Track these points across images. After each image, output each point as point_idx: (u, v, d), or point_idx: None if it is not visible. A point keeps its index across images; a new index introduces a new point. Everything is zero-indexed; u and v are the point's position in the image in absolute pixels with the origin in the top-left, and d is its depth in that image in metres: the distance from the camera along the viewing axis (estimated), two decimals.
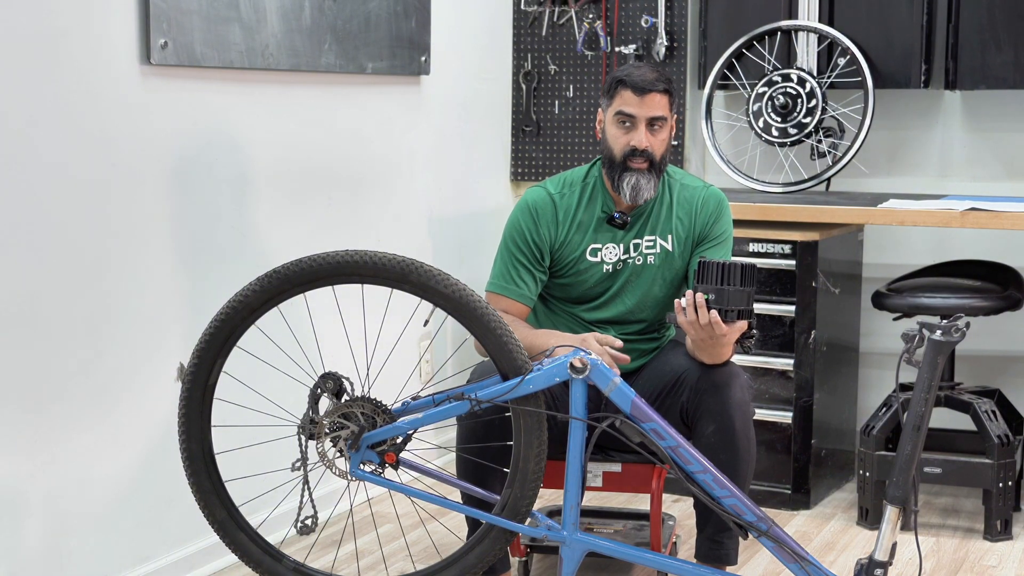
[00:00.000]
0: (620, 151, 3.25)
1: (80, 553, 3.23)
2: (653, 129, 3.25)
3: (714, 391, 3.10)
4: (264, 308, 2.87)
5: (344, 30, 3.99)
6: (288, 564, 2.98)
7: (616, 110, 3.26)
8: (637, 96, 3.22)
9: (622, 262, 3.33)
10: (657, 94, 3.22)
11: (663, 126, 3.26)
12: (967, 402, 4.04)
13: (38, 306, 3.07)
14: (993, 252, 4.43)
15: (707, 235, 3.34)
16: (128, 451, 3.36)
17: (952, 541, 3.95)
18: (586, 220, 3.33)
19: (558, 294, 3.38)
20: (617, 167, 3.26)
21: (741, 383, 3.16)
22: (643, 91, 3.22)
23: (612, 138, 3.27)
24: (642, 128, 3.24)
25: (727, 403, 3.09)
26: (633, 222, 3.33)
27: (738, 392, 3.13)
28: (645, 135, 3.23)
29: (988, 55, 4.36)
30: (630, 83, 3.23)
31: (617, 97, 3.25)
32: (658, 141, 3.25)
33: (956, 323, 2.68)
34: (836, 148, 4.57)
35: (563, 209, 3.32)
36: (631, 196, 3.25)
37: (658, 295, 3.34)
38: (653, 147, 3.24)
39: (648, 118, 3.23)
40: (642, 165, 3.24)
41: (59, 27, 3.07)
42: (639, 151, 3.23)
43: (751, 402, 3.20)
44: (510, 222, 3.35)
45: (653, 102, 3.23)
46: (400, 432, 2.87)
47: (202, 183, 3.55)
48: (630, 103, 3.23)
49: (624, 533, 3.56)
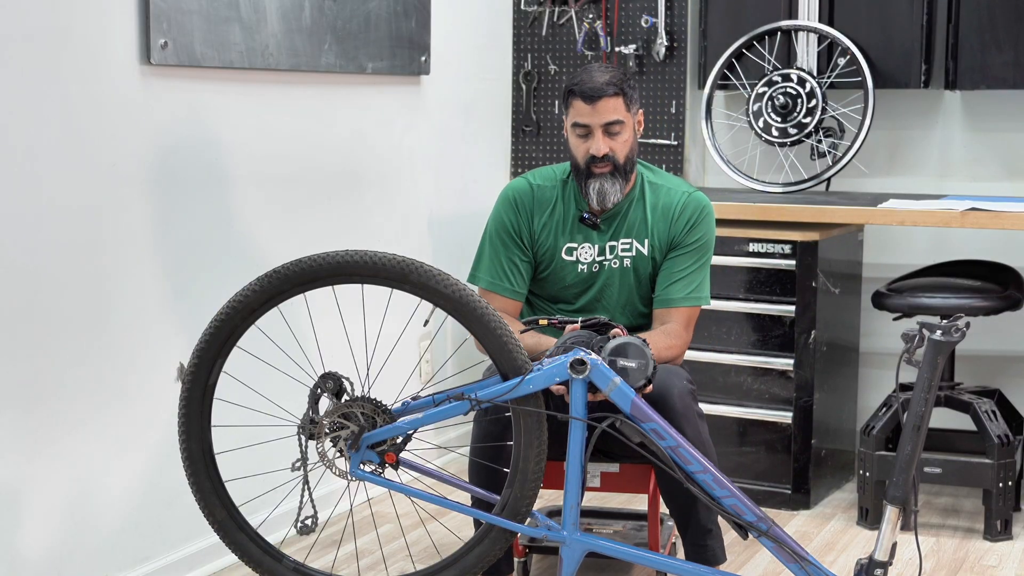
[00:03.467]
0: (582, 159, 3.27)
1: (80, 553, 3.23)
2: (611, 133, 3.24)
3: (652, 406, 2.92)
4: (264, 308, 2.87)
5: (344, 30, 3.99)
6: (288, 564, 2.97)
7: (572, 121, 3.27)
8: (588, 104, 3.22)
9: (598, 263, 3.34)
10: (607, 99, 3.21)
11: (622, 128, 3.25)
12: (967, 402, 4.04)
13: (37, 306, 3.07)
14: (993, 252, 4.43)
15: (680, 242, 3.34)
16: (128, 451, 3.36)
17: (952, 541, 3.95)
18: (562, 217, 3.34)
19: (537, 291, 3.40)
20: (582, 174, 3.28)
21: (680, 390, 3.12)
22: (592, 98, 3.21)
23: (573, 147, 3.29)
24: (599, 135, 3.24)
25: (671, 416, 3.04)
26: (609, 224, 3.34)
27: (678, 402, 3.10)
28: (603, 141, 3.23)
29: (988, 55, 4.35)
30: (579, 92, 3.23)
31: (571, 108, 3.26)
32: (619, 143, 3.25)
33: (956, 323, 2.68)
34: (836, 148, 4.57)
35: (540, 199, 3.35)
36: (598, 201, 3.27)
37: (634, 299, 3.35)
38: (614, 150, 3.24)
39: (603, 124, 3.23)
40: (605, 169, 3.25)
41: (59, 27, 3.07)
42: (599, 157, 3.23)
43: (696, 403, 3.17)
44: (493, 215, 3.37)
45: (606, 107, 3.22)
46: (400, 432, 2.86)
47: (202, 183, 3.55)
48: (582, 112, 3.24)
49: (623, 534, 3.56)
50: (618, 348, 2.83)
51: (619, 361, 2.83)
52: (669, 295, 3.31)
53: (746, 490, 3.12)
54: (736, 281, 4.23)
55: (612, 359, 2.82)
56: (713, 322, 4.20)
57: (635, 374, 2.81)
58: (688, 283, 3.31)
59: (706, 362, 4.27)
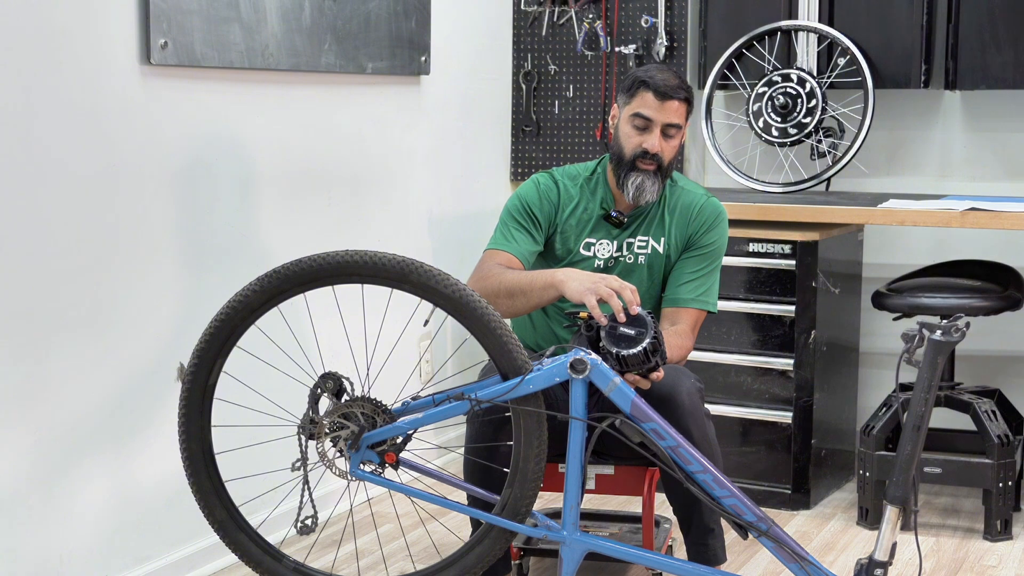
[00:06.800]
0: (631, 151, 3.26)
1: (80, 553, 3.23)
2: (667, 135, 3.25)
3: (659, 404, 2.96)
4: (264, 308, 2.87)
5: (344, 30, 3.99)
6: (288, 564, 2.97)
7: (634, 111, 3.26)
8: (658, 100, 3.22)
9: (613, 259, 3.34)
10: (677, 101, 3.23)
11: (677, 134, 3.27)
12: (967, 402, 4.04)
13: (38, 306, 3.07)
14: (993, 252, 4.43)
15: (695, 242, 3.34)
16: (128, 451, 3.36)
17: (952, 541, 3.95)
18: (585, 214, 3.34)
19: None
20: (625, 165, 3.27)
21: (688, 388, 3.11)
22: (665, 96, 3.22)
23: (624, 136, 3.28)
24: (657, 132, 3.24)
25: (678, 415, 3.05)
26: (630, 222, 3.34)
27: (686, 399, 3.09)
28: (659, 140, 3.24)
29: (988, 55, 4.36)
30: (652, 86, 3.22)
31: (637, 98, 3.25)
32: (669, 147, 3.26)
33: (956, 323, 2.68)
34: (836, 148, 4.57)
35: (565, 196, 3.35)
36: (634, 196, 3.26)
37: (646, 297, 3.35)
38: (664, 152, 3.25)
39: (664, 124, 3.24)
40: (650, 167, 3.25)
41: (59, 27, 3.07)
42: (650, 154, 3.23)
43: (703, 403, 3.18)
44: (513, 196, 3.38)
45: (672, 109, 3.23)
46: (400, 432, 2.86)
47: (202, 183, 3.55)
48: (650, 106, 3.23)
49: (619, 536, 3.56)
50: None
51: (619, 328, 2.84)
52: (679, 295, 3.31)
53: (746, 490, 3.12)
54: (736, 281, 4.23)
55: (612, 324, 2.83)
56: (713, 322, 4.20)
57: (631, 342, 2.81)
58: (699, 285, 3.31)
59: (706, 362, 4.26)
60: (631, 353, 2.82)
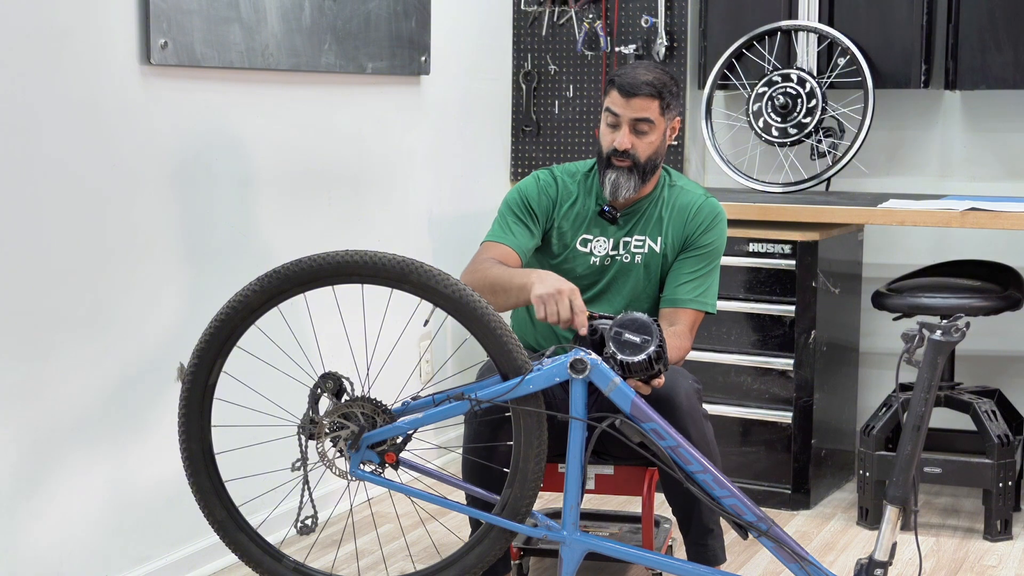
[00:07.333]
0: (606, 148, 3.30)
1: (80, 553, 3.23)
2: (638, 131, 3.25)
3: (657, 405, 2.94)
4: (264, 308, 2.87)
5: (344, 30, 3.99)
6: (288, 564, 2.97)
7: (605, 107, 3.30)
8: (623, 97, 3.24)
9: (610, 257, 3.35)
10: (643, 98, 3.23)
11: (650, 129, 3.26)
12: (967, 402, 4.04)
13: (37, 305, 3.07)
14: (993, 252, 4.43)
15: (693, 243, 3.34)
16: (128, 451, 3.36)
17: (952, 541, 3.95)
18: (582, 210, 3.36)
19: None
20: (602, 163, 3.31)
21: (686, 389, 3.12)
22: (628, 93, 3.23)
23: (602, 134, 3.33)
24: (625, 129, 3.25)
25: (676, 416, 3.04)
26: (626, 221, 3.35)
27: (684, 400, 3.09)
28: (627, 136, 3.25)
29: (988, 55, 4.36)
30: (618, 84, 3.25)
31: (608, 96, 3.29)
32: (643, 143, 3.26)
33: (956, 323, 2.68)
34: (836, 148, 4.57)
35: (563, 192, 3.37)
36: (611, 192, 3.29)
37: (642, 297, 3.35)
38: (637, 149, 3.25)
39: (632, 119, 3.25)
40: (623, 163, 3.27)
41: (59, 27, 3.07)
42: (619, 151, 3.24)
43: (701, 404, 3.18)
44: (513, 189, 3.40)
45: (638, 105, 3.23)
46: (400, 432, 2.86)
47: (202, 183, 3.55)
48: (616, 103, 3.26)
49: (619, 536, 3.56)
50: (626, 322, 2.83)
51: (625, 334, 2.83)
52: (677, 295, 3.31)
53: (746, 490, 3.12)
54: (736, 281, 4.23)
55: (618, 331, 2.82)
56: (713, 322, 4.20)
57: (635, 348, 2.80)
58: (697, 286, 3.31)
59: (706, 362, 4.26)
60: (636, 360, 2.82)
